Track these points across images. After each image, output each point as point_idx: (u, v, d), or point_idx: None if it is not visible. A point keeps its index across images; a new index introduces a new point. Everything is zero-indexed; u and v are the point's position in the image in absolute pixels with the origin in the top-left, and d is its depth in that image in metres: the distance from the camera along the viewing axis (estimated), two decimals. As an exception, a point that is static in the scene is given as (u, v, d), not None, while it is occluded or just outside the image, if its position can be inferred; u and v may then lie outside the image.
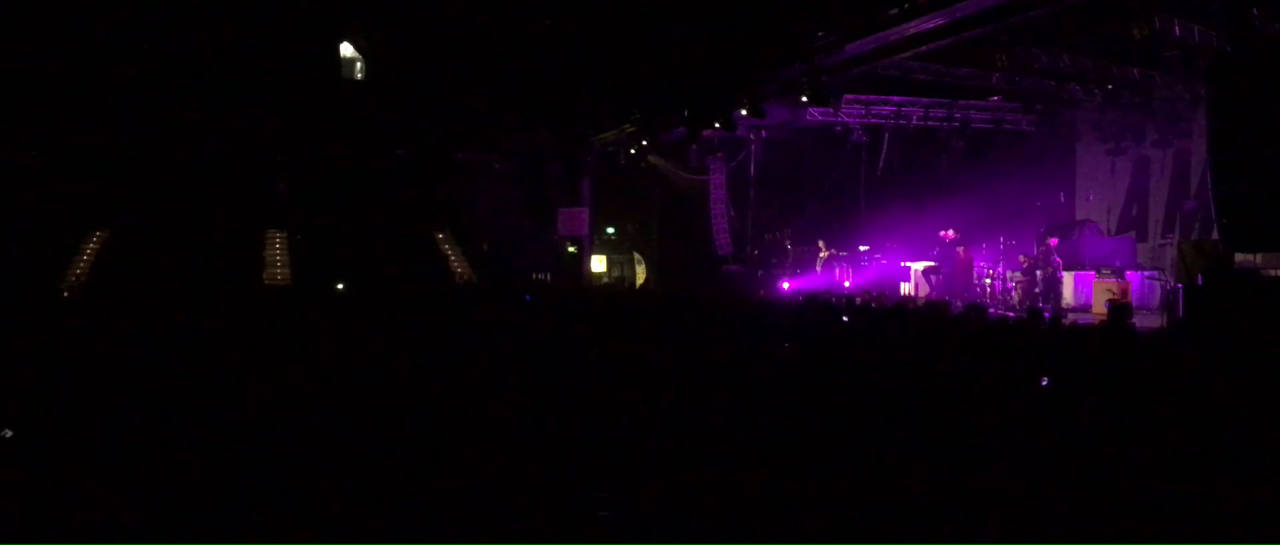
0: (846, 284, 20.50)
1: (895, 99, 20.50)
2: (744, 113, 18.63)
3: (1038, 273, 16.86)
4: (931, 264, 18.88)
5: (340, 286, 19.65)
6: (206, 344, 8.77)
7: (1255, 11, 11.20)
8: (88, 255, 22.43)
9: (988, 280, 17.94)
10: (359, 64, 25.74)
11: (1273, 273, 13.02)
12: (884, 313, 12.37)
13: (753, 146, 23.58)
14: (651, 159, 24.17)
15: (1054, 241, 16.97)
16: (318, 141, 24.53)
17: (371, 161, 25.42)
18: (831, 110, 20.24)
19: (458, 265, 25.21)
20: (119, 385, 6.43)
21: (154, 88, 22.25)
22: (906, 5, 13.60)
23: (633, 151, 23.41)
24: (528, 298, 16.07)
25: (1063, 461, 4.82)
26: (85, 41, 21.14)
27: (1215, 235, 12.85)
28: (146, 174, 22.99)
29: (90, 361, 7.36)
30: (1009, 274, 17.63)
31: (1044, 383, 6.18)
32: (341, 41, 25.44)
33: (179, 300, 13.23)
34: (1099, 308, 15.49)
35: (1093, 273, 17.21)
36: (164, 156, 23.23)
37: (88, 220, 22.91)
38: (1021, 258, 17.61)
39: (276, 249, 24.04)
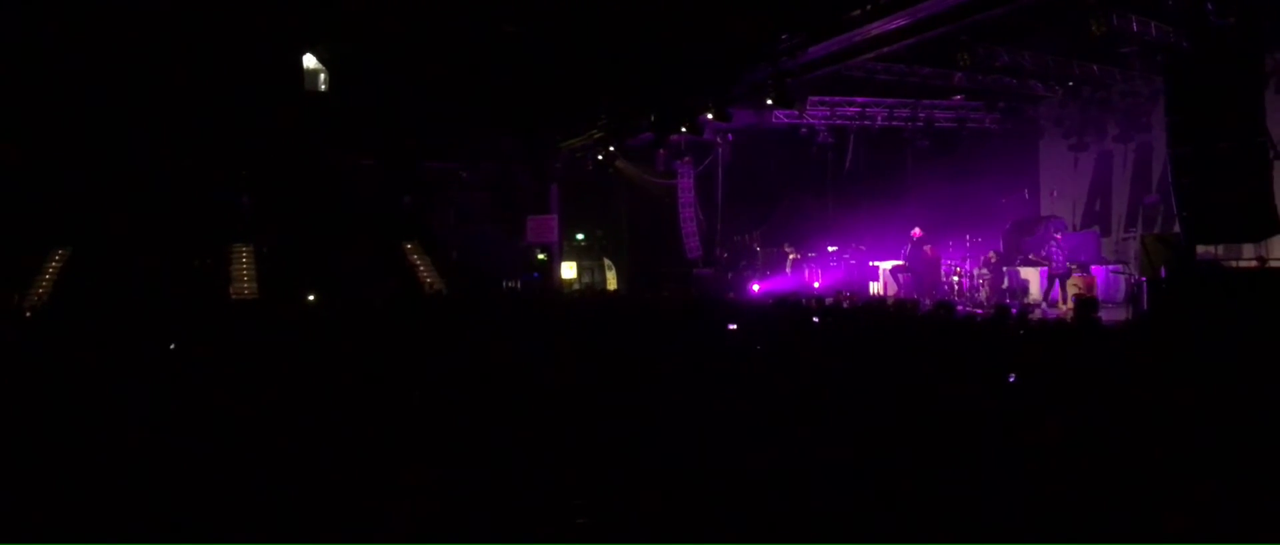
0: (816, 285, 20.58)
1: (860, 100, 20.64)
2: (710, 116, 18.69)
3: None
4: (900, 263, 19.00)
5: (310, 298, 19.50)
6: (173, 361, 8.67)
7: (1209, 6, 11.35)
8: (49, 273, 22.12)
9: (955, 277, 18.08)
10: (322, 75, 25.57)
11: (1233, 264, 13.23)
12: (854, 312, 12.43)
13: (720, 150, 23.65)
14: (619, 164, 24.19)
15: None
16: (282, 153, 24.32)
17: (337, 172, 25.24)
18: (797, 112, 20.35)
19: (426, 275, 25.08)
20: (83, 405, 6.34)
21: (114, 101, 21.99)
22: (869, 6, 13.70)
23: (600, 157, 23.41)
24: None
25: (1032, 457, 4.86)
26: (44, 56, 20.87)
27: (1177, 228, 13.02)
28: (108, 189, 22.71)
29: (53, 381, 7.25)
30: (976, 271, 17.79)
31: (1011, 379, 6.22)
32: (304, 52, 25.26)
33: (144, 317, 13.06)
34: (1065, 302, 15.67)
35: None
36: (126, 171, 22.96)
37: (49, 238, 22.60)
38: (990, 254, 17.78)
39: (243, 263, 23.81)
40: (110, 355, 8.06)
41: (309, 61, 25.48)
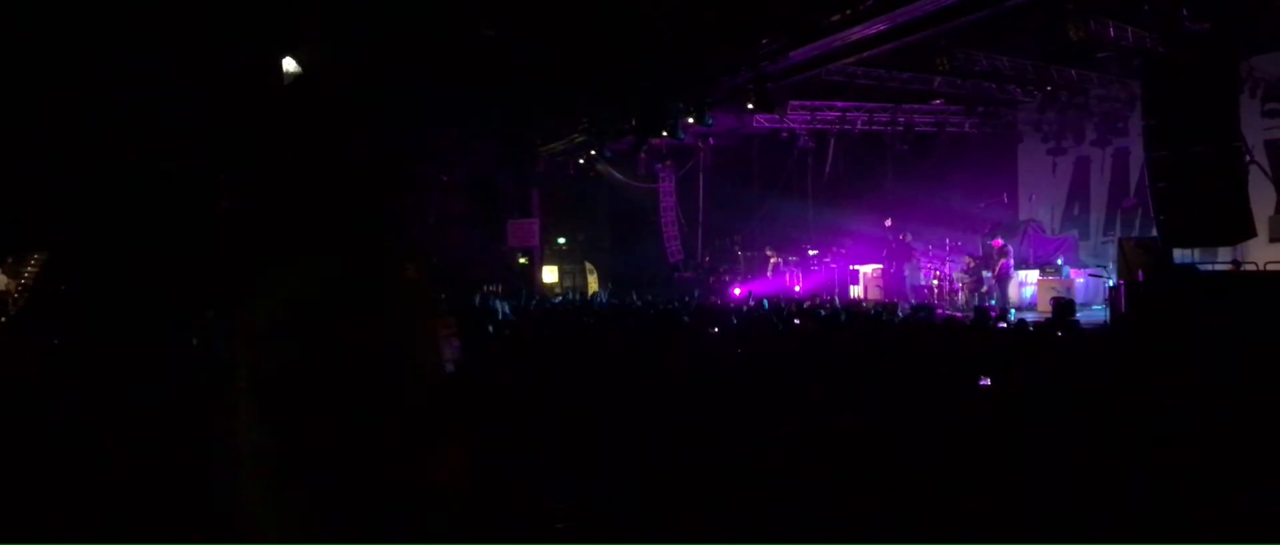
0: (797, 288, 20.63)
1: (840, 104, 20.70)
2: (691, 120, 18.71)
3: (985, 271, 17.12)
4: (879, 267, 19.10)
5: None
6: (150, 369, 8.58)
7: (1184, 11, 11.45)
8: (25, 279, 21.92)
9: (934, 281, 18.17)
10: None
11: (1209, 267, 13.34)
12: (832, 316, 12.45)
13: (701, 154, 23.67)
14: (600, 168, 24.18)
15: (998, 243, 17.20)
16: (260, 157, 24.19)
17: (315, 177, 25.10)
18: (778, 117, 20.39)
19: (407, 279, 24.95)
20: (58, 413, 6.27)
21: (92, 104, 21.81)
22: (849, 11, 13.74)
23: (581, 161, 23.39)
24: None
25: (1013, 457, 4.88)
26: (17, 59, 20.66)
27: (1154, 232, 13.12)
28: (85, 193, 22.51)
29: (28, 389, 7.18)
30: (956, 274, 17.89)
31: (986, 383, 6.25)
32: (283, 56, 25.12)
33: (122, 323, 12.93)
34: (1043, 306, 15.77)
35: (1037, 271, 17.57)
36: (103, 175, 22.77)
37: (25, 241, 22.39)
38: (966, 259, 17.87)
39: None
40: (87, 358, 7.99)
41: (289, 65, 25.35)
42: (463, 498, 2.23)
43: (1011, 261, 16.97)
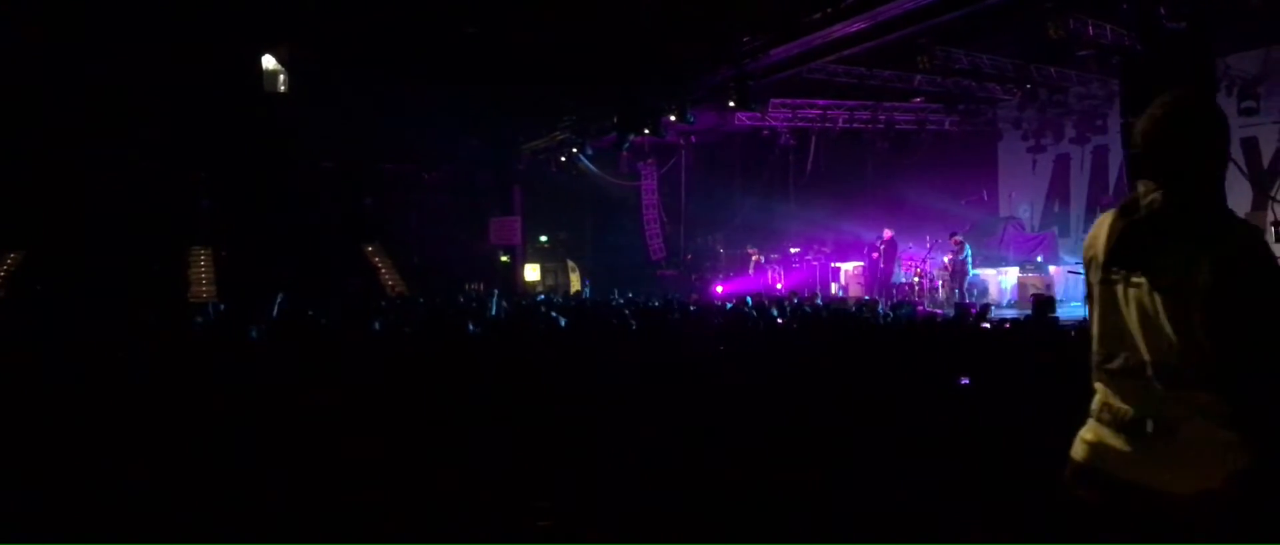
0: (779, 286, 20.68)
1: (821, 102, 20.74)
2: (673, 118, 18.73)
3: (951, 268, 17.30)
4: (860, 264, 19.15)
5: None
6: (131, 368, 8.52)
7: (1162, 10, 11.55)
8: (2, 276, 21.75)
9: (915, 278, 18.27)
10: (282, 76, 25.31)
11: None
12: (815, 312, 12.49)
13: (683, 152, 23.69)
14: (582, 165, 24.18)
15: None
16: (241, 155, 24.05)
17: (297, 175, 25.00)
18: (759, 114, 20.42)
19: (388, 278, 24.92)
20: (37, 415, 6.23)
21: (71, 102, 21.64)
22: (829, 10, 13.79)
23: (563, 158, 23.37)
24: None
25: (996, 455, 4.91)
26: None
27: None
28: (64, 192, 22.34)
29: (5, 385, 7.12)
30: (935, 272, 17.99)
31: (965, 382, 6.27)
32: (263, 53, 25.00)
33: (100, 323, 12.82)
34: (1024, 302, 15.87)
35: (1017, 268, 17.67)
36: (82, 173, 22.61)
37: (2, 240, 22.23)
38: (945, 258, 17.97)
39: (201, 266, 23.53)
40: (64, 359, 7.93)
41: (268, 62, 25.23)
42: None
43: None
